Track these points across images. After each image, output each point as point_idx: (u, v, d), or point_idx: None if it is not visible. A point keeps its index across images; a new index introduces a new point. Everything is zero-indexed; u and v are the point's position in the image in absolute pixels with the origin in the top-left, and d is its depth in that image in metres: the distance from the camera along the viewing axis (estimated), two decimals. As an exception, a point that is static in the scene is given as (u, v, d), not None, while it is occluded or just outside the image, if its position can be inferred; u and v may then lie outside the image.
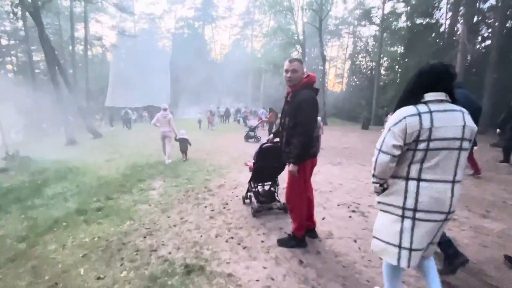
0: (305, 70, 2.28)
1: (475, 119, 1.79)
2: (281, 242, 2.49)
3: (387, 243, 1.47)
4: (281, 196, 3.53)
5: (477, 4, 13.83)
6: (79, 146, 10.98)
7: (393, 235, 1.44)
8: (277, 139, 2.86)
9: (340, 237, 2.64)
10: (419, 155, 1.35)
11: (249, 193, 3.52)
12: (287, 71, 2.24)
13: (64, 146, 11.10)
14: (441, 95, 1.36)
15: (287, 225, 2.91)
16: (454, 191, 1.35)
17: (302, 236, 2.42)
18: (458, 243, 2.47)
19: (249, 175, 3.57)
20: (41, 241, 2.81)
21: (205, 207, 3.59)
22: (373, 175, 1.49)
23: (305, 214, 2.42)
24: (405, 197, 1.39)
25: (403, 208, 1.40)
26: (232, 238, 2.67)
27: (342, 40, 38.11)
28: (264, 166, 3.06)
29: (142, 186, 4.66)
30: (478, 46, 14.96)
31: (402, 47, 20.84)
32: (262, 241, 2.58)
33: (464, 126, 1.33)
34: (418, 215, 1.37)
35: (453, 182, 1.35)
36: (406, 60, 19.54)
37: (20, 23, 21.17)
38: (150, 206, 3.68)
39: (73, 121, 14.93)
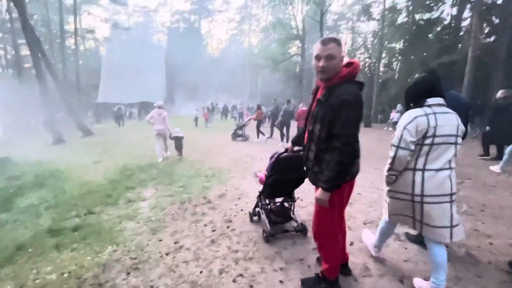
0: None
1: (466, 114, 2.17)
2: (307, 285, 1.88)
3: (405, 215, 1.79)
4: (297, 210, 2.95)
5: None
6: (67, 145, 10.24)
7: (408, 211, 1.76)
8: (297, 148, 2.26)
9: (380, 274, 2.06)
10: (425, 149, 1.63)
11: (257, 209, 2.93)
12: (318, 57, 1.55)
13: (50, 145, 10.35)
14: (440, 100, 1.68)
15: (309, 254, 2.32)
16: (451, 176, 1.64)
17: (335, 278, 1.82)
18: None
19: (255, 183, 2.98)
20: (-6, 278, 2.19)
21: (205, 225, 2.99)
22: (390, 168, 1.76)
23: (339, 252, 1.82)
24: (413, 186, 1.66)
25: (412, 195, 1.68)
26: (241, 275, 2.07)
27: (340, 36, 37.40)
28: (280, 180, 2.42)
29: (130, 196, 4.03)
30: (485, 41, 14.39)
31: (403, 43, 20.17)
32: (281, 282, 1.98)
33: (458, 125, 1.65)
34: (425, 199, 1.64)
35: (450, 169, 1.65)
36: (408, 56, 18.90)
37: (7, 16, 20.13)
38: (138, 224, 3.07)
39: (62, 118, 14.14)
